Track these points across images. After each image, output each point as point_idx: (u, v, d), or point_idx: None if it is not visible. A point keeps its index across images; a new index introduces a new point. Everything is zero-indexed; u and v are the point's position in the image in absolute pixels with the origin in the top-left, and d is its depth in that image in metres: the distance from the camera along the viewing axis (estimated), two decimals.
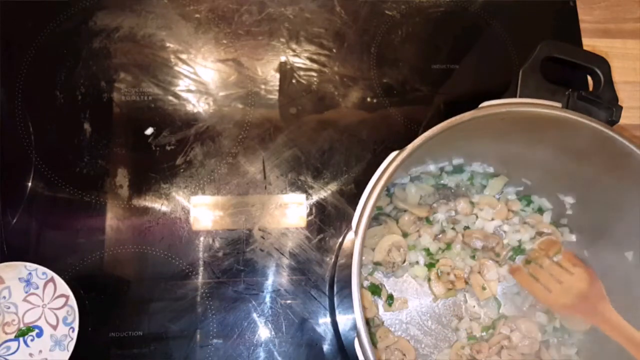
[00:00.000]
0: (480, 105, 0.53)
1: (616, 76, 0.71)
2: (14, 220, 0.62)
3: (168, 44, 0.70)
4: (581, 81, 0.70)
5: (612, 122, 0.56)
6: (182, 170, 0.65)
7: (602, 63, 0.59)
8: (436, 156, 0.63)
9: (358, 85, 0.70)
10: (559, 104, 0.54)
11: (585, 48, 0.73)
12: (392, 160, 0.50)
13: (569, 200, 0.64)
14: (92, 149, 0.65)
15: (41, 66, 0.68)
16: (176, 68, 0.69)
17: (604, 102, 0.56)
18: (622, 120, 0.69)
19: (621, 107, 0.56)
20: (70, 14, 0.70)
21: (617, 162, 0.54)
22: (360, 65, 0.71)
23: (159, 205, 0.64)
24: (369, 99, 0.70)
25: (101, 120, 0.66)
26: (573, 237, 0.65)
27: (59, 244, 0.62)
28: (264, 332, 0.61)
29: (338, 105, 0.69)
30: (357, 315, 0.45)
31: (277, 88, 0.69)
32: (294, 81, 0.70)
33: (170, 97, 0.68)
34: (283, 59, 0.71)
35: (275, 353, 0.60)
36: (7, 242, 0.61)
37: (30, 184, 0.63)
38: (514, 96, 0.56)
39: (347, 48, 0.72)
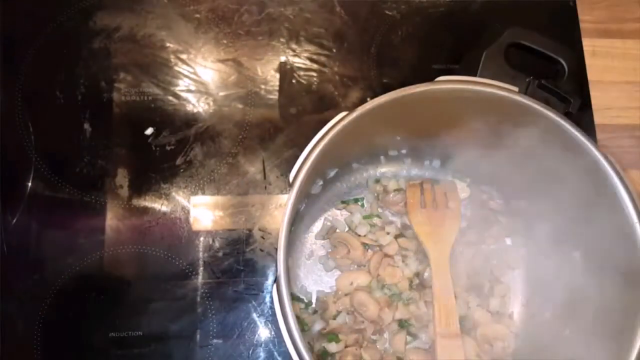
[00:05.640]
0: (437, 79, 0.51)
1: (616, 76, 0.72)
2: (14, 220, 0.62)
3: (168, 44, 0.70)
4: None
5: (568, 113, 0.55)
6: (182, 170, 0.65)
7: (567, 54, 0.58)
8: (386, 132, 0.61)
9: (358, 85, 0.70)
10: (516, 88, 0.52)
11: (585, 48, 0.73)
12: (341, 119, 0.50)
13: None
14: (92, 149, 0.65)
15: (41, 66, 0.68)
16: (176, 68, 0.69)
17: (562, 93, 0.56)
18: (622, 121, 0.70)
19: (580, 100, 0.55)
20: (70, 14, 0.70)
21: (567, 153, 0.52)
22: (360, 65, 0.71)
23: (159, 205, 0.64)
24: (369, 99, 0.69)
25: (101, 120, 0.66)
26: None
27: (59, 244, 0.62)
28: (264, 332, 0.61)
29: (338, 105, 0.69)
30: (280, 259, 0.45)
31: (277, 88, 0.69)
32: (294, 81, 0.70)
33: (170, 97, 0.68)
34: (283, 59, 0.70)
35: (275, 353, 0.60)
36: (7, 242, 0.61)
37: (30, 184, 0.63)
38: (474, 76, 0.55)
39: (347, 48, 0.72)
